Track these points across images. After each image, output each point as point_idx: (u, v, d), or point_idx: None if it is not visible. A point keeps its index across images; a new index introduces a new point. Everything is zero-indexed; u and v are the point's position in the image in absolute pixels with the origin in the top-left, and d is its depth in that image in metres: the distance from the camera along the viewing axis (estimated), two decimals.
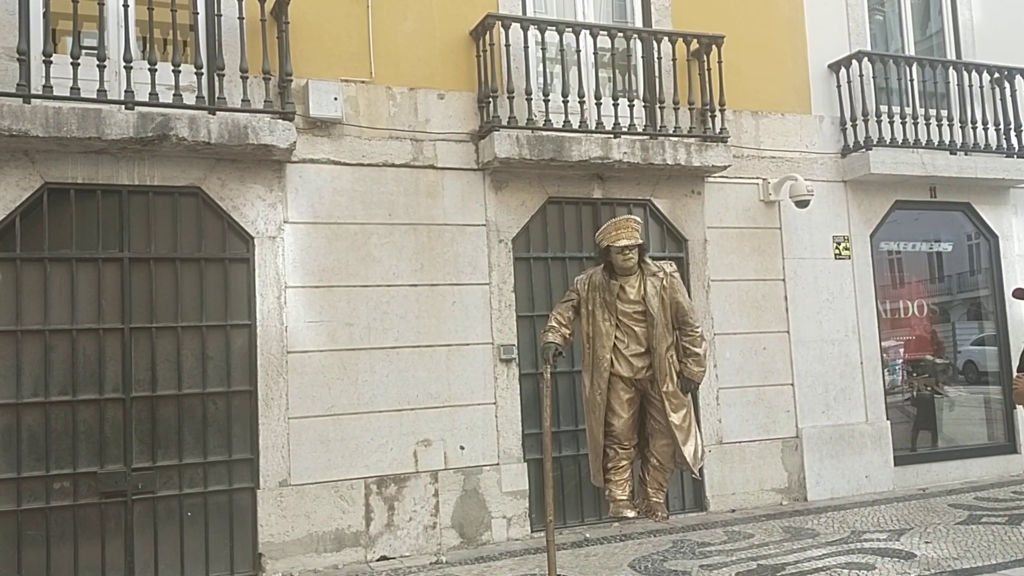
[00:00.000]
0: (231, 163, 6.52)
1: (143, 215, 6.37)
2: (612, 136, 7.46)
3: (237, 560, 6.39)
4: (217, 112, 6.28)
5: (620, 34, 7.79)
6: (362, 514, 6.69)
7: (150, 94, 6.07)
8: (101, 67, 5.99)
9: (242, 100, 6.37)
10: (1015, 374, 5.27)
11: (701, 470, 5.76)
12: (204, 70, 6.34)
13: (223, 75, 6.39)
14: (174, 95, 6.15)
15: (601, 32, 7.60)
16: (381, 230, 6.98)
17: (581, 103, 7.41)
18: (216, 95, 6.35)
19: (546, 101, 7.31)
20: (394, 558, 6.69)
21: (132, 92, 6.05)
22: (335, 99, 6.80)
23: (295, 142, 6.45)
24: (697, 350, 5.28)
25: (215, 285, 6.53)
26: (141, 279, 6.32)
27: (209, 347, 6.47)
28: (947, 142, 9.03)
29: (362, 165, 6.98)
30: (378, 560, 6.65)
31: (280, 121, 6.40)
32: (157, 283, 6.35)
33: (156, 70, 6.11)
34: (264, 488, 6.44)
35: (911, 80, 8.96)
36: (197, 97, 6.28)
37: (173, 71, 6.16)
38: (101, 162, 6.19)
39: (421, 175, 7.17)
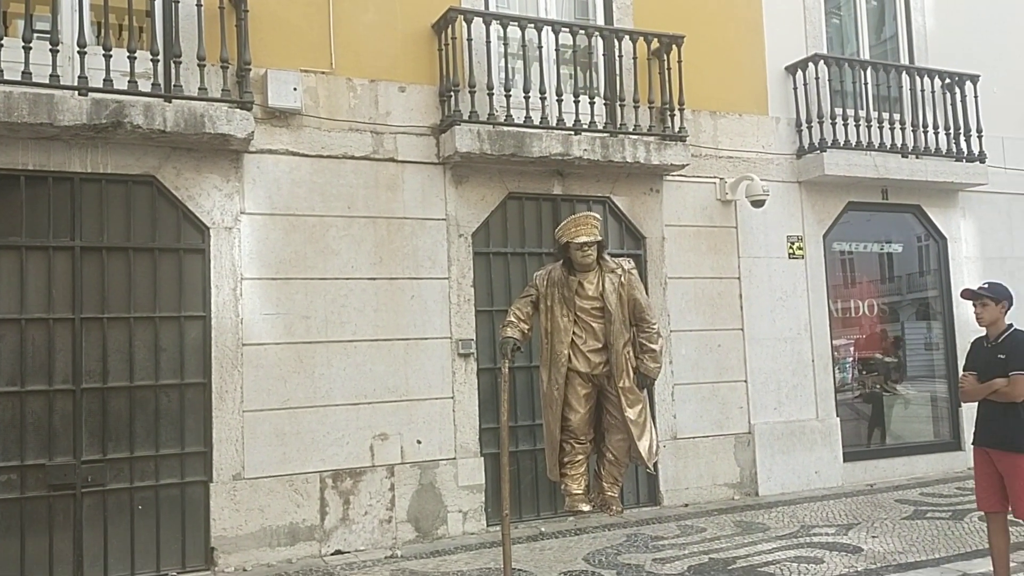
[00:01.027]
0: (187, 152, 6.43)
1: (95, 203, 6.25)
2: (572, 133, 7.50)
3: (189, 554, 6.32)
4: (173, 100, 6.19)
5: (582, 31, 7.83)
6: (317, 508, 6.65)
7: (104, 80, 5.96)
8: (54, 51, 5.87)
9: (199, 88, 6.28)
10: (961, 373, 5.39)
11: (655, 465, 5.83)
12: (160, 57, 6.25)
13: (180, 63, 6.28)
14: (129, 82, 6.04)
15: (563, 29, 7.63)
16: (340, 223, 6.93)
17: (542, 99, 7.42)
18: (172, 83, 6.24)
19: (507, 96, 7.32)
20: (349, 552, 6.66)
21: (86, 78, 5.93)
22: (294, 89, 6.74)
23: (253, 132, 6.38)
24: (653, 346, 5.32)
25: (169, 276, 6.43)
26: (93, 269, 6.20)
27: (162, 338, 6.37)
28: (899, 145, 9.21)
29: (321, 157, 6.92)
30: (332, 554, 6.62)
31: (238, 110, 6.33)
32: (109, 273, 6.24)
33: (111, 56, 6.00)
34: (217, 481, 6.37)
35: (865, 83, 9.13)
36: (153, 84, 6.18)
37: (128, 57, 6.06)
38: (53, 148, 6.07)
39: (381, 168, 7.13)
